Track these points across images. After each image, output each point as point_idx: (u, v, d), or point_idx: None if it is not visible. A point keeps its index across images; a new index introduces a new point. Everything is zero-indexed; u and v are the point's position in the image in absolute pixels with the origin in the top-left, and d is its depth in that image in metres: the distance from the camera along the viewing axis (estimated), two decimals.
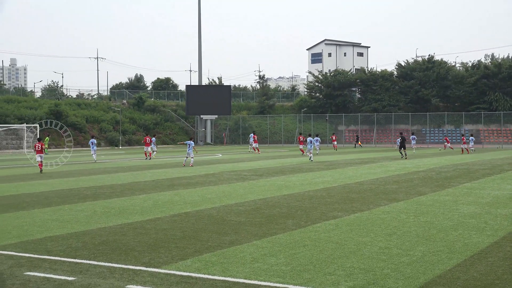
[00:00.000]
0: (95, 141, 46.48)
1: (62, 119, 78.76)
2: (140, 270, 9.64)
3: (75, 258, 10.48)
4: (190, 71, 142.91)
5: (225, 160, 43.24)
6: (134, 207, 17.20)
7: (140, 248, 11.34)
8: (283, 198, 19.10)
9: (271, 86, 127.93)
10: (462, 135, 57.81)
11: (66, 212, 16.27)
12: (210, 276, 9.19)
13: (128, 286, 8.72)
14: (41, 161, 33.44)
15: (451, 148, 61.31)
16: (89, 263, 10.11)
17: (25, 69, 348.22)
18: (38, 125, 67.04)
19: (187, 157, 37.35)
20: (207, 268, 9.72)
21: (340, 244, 11.56)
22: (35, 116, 75.66)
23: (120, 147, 77.15)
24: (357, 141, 75.71)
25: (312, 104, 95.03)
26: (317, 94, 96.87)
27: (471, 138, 58.76)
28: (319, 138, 55.53)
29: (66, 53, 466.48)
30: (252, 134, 64.25)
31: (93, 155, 44.85)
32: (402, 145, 44.75)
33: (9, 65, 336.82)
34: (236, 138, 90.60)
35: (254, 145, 58.02)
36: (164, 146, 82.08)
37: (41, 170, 32.84)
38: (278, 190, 21.55)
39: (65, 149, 58.59)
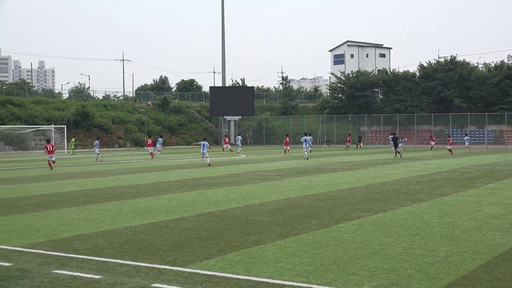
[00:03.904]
0: (97, 142, 48.20)
1: (89, 120, 79.40)
2: (165, 269, 9.65)
3: (101, 257, 10.53)
4: (214, 72, 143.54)
5: (248, 161, 43.24)
6: (159, 207, 17.25)
7: (165, 247, 11.37)
8: (306, 198, 19.03)
9: (293, 87, 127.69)
10: (449, 136, 57.43)
11: (93, 212, 16.37)
12: (234, 275, 9.17)
13: (153, 284, 8.73)
14: (53, 160, 35.66)
15: (450, 150, 55.25)
16: (115, 262, 10.15)
17: (53, 71, 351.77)
18: (65, 126, 67.72)
19: (202, 157, 37.68)
20: (231, 267, 9.70)
21: (363, 244, 11.48)
22: (62, 117, 76.30)
23: (146, 148, 77.44)
24: (359, 142, 74.96)
25: (335, 105, 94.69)
26: (340, 95, 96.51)
27: (466, 138, 58.78)
28: (311, 137, 54.79)
29: (93, 55, 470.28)
30: (239, 136, 66.31)
31: (97, 155, 46.48)
32: (395, 145, 47.70)
33: (38, 68, 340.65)
34: (259, 138, 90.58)
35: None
36: (188, 146, 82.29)
37: (51, 167, 34.81)
38: (301, 190, 21.48)
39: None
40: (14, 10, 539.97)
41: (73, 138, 63.31)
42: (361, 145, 74.85)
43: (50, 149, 36.09)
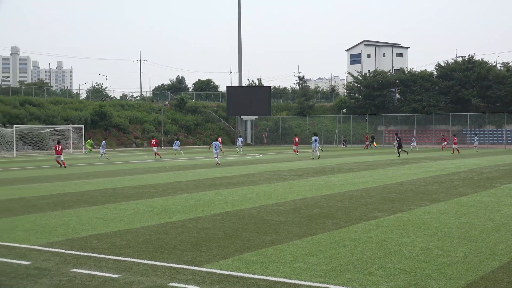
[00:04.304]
0: (105, 143, 49.50)
1: (106, 120, 79.80)
2: (182, 268, 9.68)
3: (119, 256, 10.59)
4: (231, 72, 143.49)
5: (265, 160, 43.23)
6: (176, 206, 17.30)
7: (182, 246, 11.40)
8: (323, 198, 18.99)
9: (310, 87, 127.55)
10: (453, 135, 57.06)
11: (110, 211, 16.46)
12: (251, 275, 9.18)
13: (170, 284, 8.76)
14: (60, 161, 37.14)
15: (455, 150, 54.69)
16: (133, 261, 10.20)
17: (71, 72, 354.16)
18: (83, 125, 68.12)
19: (216, 157, 37.98)
20: (248, 267, 9.70)
21: (381, 244, 11.43)
22: (80, 117, 76.79)
23: (163, 147, 77.70)
24: (372, 142, 74.24)
25: (352, 105, 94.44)
26: (357, 95, 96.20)
27: (475, 138, 58.80)
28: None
29: (110, 55, 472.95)
30: (240, 137, 66.95)
31: (103, 154, 47.63)
32: (400, 146, 48.61)
33: (56, 68, 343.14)
34: (276, 138, 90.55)
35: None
36: (205, 146, 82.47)
37: (64, 165, 36.70)
38: (318, 190, 21.44)
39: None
40: (32, 11, 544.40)
41: (89, 140, 63.58)
42: (375, 145, 74.44)
43: (58, 149, 37.64)
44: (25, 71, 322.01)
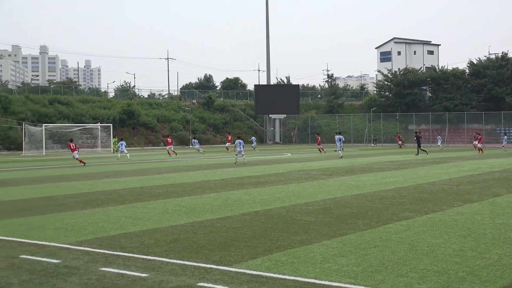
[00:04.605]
0: (124, 143, 49.64)
1: (134, 118, 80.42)
2: (211, 268, 9.68)
3: (147, 255, 10.64)
4: (259, 70, 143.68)
5: (294, 160, 43.16)
6: (205, 206, 17.34)
7: (211, 246, 11.41)
8: (353, 198, 18.88)
9: (339, 85, 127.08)
10: (478, 134, 56.52)
11: (139, 210, 16.56)
12: (280, 276, 9.15)
13: (199, 283, 8.77)
14: (77, 158, 38.81)
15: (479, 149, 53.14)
16: (161, 260, 10.23)
17: (99, 70, 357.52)
18: (111, 124, 68.68)
19: (237, 155, 38.18)
20: (277, 267, 9.67)
21: (412, 245, 11.32)
22: (108, 116, 77.49)
23: (191, 146, 78.03)
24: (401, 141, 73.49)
25: (382, 103, 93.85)
26: (387, 93, 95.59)
27: (504, 137, 58.22)
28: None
29: (138, 54, 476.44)
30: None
31: (126, 153, 48.02)
32: (418, 144, 49.61)
33: (84, 67, 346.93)
34: (305, 137, 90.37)
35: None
36: (232, 145, 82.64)
37: (83, 163, 38.18)
38: (348, 190, 21.32)
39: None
40: (61, 10, 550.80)
41: (115, 138, 63.90)
42: (403, 144, 73.75)
43: (73, 147, 39.06)
44: (54, 70, 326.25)
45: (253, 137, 68.91)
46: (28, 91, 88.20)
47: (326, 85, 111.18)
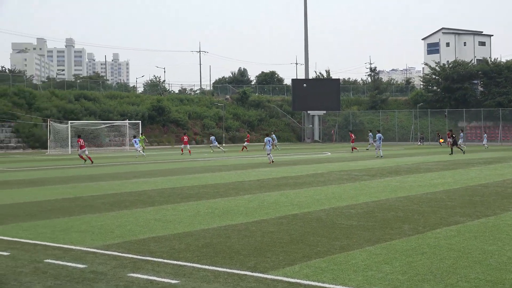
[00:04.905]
0: (137, 139, 51.02)
1: (164, 115, 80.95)
2: (246, 275, 9.68)
3: (178, 260, 10.68)
4: (296, 64, 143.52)
5: (334, 159, 43.00)
6: (239, 208, 17.37)
7: (245, 251, 11.41)
8: (399, 201, 18.72)
9: (383, 79, 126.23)
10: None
11: (169, 212, 16.65)
12: (319, 284, 9.10)
13: None
14: (83, 156, 39.45)
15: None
16: (193, 266, 10.26)
17: (127, 64, 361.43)
18: (140, 121, 69.19)
19: (269, 154, 38.31)
20: (316, 274, 9.63)
21: (463, 252, 11.16)
22: (137, 112, 78.09)
23: (224, 145, 78.29)
24: (442, 138, 72.42)
25: (429, 99, 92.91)
26: (434, 88, 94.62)
27: None
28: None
29: (168, 47, 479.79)
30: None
31: (139, 150, 49.43)
32: (454, 142, 50.53)
33: (112, 60, 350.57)
34: (346, 135, 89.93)
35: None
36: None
37: (91, 161, 39.05)
38: (393, 192, 21.16)
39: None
40: (87, 1, 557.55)
41: (142, 136, 63.72)
42: (441, 141, 72.76)
43: (82, 143, 39.66)
44: (80, 64, 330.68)
45: (273, 134, 65.76)
46: (54, 86, 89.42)
47: (369, 79, 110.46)
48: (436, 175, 28.07)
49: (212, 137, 60.12)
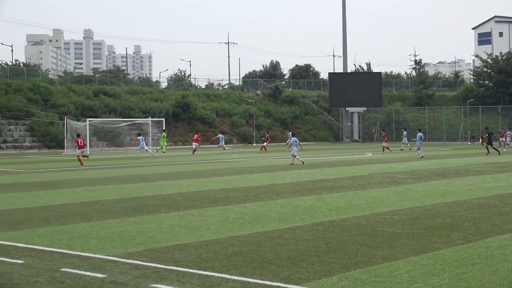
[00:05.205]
0: (142, 138, 51.57)
1: (190, 112, 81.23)
2: (278, 286, 9.67)
3: (205, 270, 10.71)
4: (334, 56, 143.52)
5: (375, 160, 42.83)
6: (271, 214, 17.37)
7: (278, 261, 11.41)
8: (446, 206, 18.58)
9: (429, 73, 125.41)
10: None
11: (195, 218, 16.71)
12: None
13: None
14: (82, 156, 40.25)
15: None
16: (221, 277, 10.29)
17: (149, 57, 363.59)
18: (164, 119, 69.45)
19: (295, 155, 38.34)
20: (356, 286, 9.59)
21: None
22: (160, 109, 78.45)
23: (255, 144, 78.38)
24: (488, 138, 71.38)
25: (480, 94, 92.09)
26: (486, 82, 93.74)
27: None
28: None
29: (194, 38, 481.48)
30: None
31: (139, 150, 50.03)
32: (489, 142, 49.79)
33: (133, 53, 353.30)
34: (389, 133, 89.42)
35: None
36: (304, 143, 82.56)
37: (81, 163, 39.46)
38: (440, 196, 21.01)
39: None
40: None
41: (164, 133, 63.13)
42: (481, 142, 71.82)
43: (81, 143, 40.38)
44: (99, 57, 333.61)
45: (289, 133, 65.68)
46: (71, 81, 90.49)
47: (413, 73, 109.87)
48: (488, 178, 27.80)
49: (220, 136, 60.06)
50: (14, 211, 18.49)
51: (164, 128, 64.19)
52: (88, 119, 63.63)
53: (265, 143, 62.81)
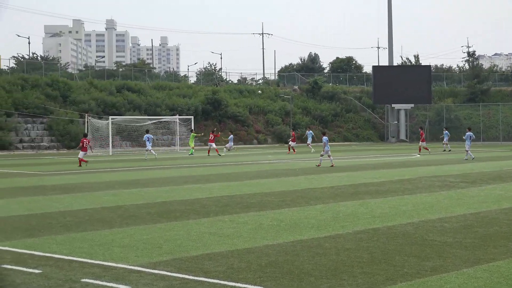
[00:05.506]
0: (151, 136, 51.51)
1: (221, 109, 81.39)
2: None
3: (237, 282, 10.73)
4: (378, 48, 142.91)
5: (424, 162, 42.58)
6: (309, 220, 17.35)
7: (317, 272, 11.39)
8: (503, 213, 18.43)
9: (484, 66, 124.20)
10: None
11: (226, 225, 16.75)
12: None
13: None
14: (83, 158, 40.60)
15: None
16: None
17: (177, 49, 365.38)
18: (192, 116, 69.64)
19: (323, 155, 38.72)
20: None
21: None
22: (189, 106, 78.64)
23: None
24: None
25: None
26: None
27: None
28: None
29: (225, 29, 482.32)
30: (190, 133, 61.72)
31: (147, 151, 50.13)
32: None
33: (160, 45, 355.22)
34: (439, 133, 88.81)
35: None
36: (345, 143, 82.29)
37: (80, 165, 40.12)
38: (496, 202, 20.84)
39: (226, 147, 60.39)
40: None
41: (193, 133, 62.79)
42: None
43: (85, 144, 40.94)
44: (122, 50, 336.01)
45: (310, 131, 64.55)
46: (92, 76, 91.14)
47: (466, 66, 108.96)
48: None
49: (231, 136, 60.15)
50: (31, 216, 18.68)
51: (192, 128, 64.23)
52: (110, 117, 63.75)
53: (291, 143, 60.71)
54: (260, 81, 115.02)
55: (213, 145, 55.30)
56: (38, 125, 70.13)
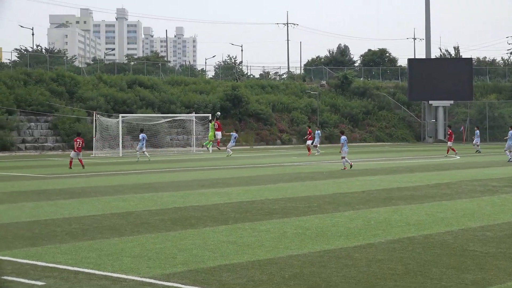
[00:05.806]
0: (145, 136, 52.18)
1: (241, 106, 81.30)
2: None
3: None
4: (414, 39, 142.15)
5: (464, 165, 42.39)
6: (337, 228, 17.33)
7: (346, 285, 11.39)
8: None
9: None
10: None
11: (246, 233, 16.75)
12: None
13: None
14: (75, 159, 40.97)
15: None
16: None
17: (194, 41, 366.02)
18: (210, 114, 69.62)
19: (344, 157, 38.45)
20: None
21: None
22: (206, 103, 78.57)
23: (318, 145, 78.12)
24: None
25: None
26: None
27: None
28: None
29: (246, 19, 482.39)
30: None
31: (138, 152, 51.22)
32: None
33: (175, 36, 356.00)
34: (481, 132, 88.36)
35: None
36: (378, 144, 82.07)
37: (70, 167, 40.48)
38: None
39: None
40: None
41: (211, 123, 62.53)
42: None
43: (78, 144, 40.93)
44: (134, 41, 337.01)
45: (318, 131, 63.36)
46: (101, 70, 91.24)
47: None
48: None
49: (234, 134, 59.70)
50: (33, 223, 18.75)
51: (210, 119, 63.75)
52: (121, 115, 63.67)
53: (309, 142, 59.51)
54: (285, 76, 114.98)
55: (219, 134, 55.63)
56: (42, 124, 70.18)
